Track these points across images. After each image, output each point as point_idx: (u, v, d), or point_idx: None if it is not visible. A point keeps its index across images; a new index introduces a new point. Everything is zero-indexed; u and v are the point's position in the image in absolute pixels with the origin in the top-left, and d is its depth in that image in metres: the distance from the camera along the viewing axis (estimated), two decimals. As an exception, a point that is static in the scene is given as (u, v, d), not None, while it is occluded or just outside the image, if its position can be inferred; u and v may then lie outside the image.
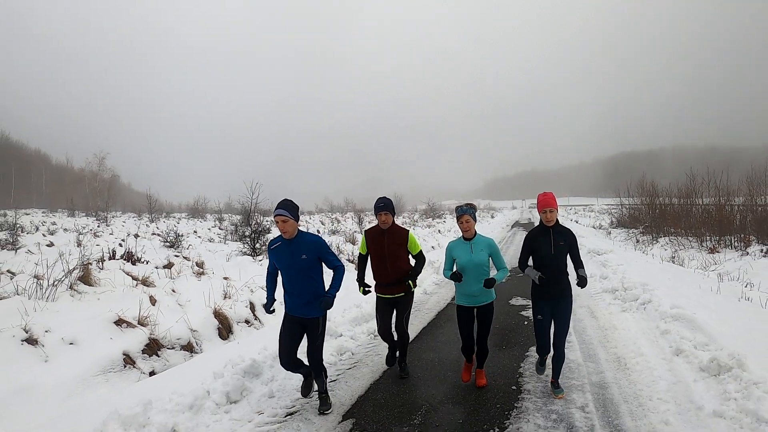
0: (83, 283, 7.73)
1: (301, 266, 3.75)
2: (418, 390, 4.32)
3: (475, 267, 4.12)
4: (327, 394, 3.99)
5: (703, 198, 20.50)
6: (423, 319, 6.91)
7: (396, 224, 4.66)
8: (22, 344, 5.10)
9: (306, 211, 46.68)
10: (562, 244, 3.96)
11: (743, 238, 16.23)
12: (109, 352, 5.48)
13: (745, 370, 3.95)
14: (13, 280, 7.27)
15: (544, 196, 4.00)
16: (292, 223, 3.72)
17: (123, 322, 6.25)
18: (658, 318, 5.90)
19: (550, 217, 3.93)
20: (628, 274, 8.72)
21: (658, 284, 7.60)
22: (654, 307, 6.33)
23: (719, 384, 3.93)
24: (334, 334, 5.77)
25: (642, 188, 25.16)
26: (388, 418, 3.76)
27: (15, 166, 61.34)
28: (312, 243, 3.83)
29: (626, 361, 4.79)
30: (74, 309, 6.59)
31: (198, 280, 9.51)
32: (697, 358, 4.48)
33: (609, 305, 7.26)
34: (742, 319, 5.88)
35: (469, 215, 4.16)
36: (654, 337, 5.41)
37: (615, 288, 7.90)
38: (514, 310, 7.28)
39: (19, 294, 6.47)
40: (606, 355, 5.04)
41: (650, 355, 4.87)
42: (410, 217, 40.21)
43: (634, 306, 6.81)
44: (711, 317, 5.60)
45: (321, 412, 3.88)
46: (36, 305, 6.04)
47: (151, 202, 36.62)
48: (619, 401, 3.87)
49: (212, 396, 3.96)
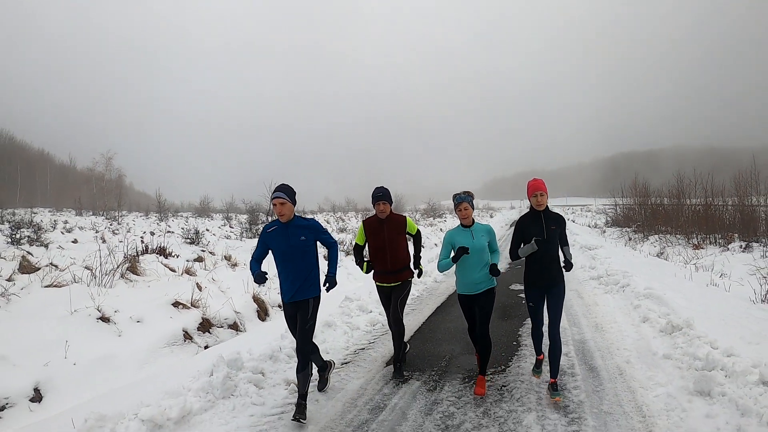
0: (131, 273, 8.86)
1: (300, 248, 3.84)
2: (441, 346, 5.51)
3: (478, 252, 4.14)
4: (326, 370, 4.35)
5: (692, 198, 21.68)
6: (437, 300, 8.12)
7: (393, 212, 4.74)
8: (98, 322, 6.07)
9: (309, 211, 47.77)
10: (554, 229, 3.98)
11: (726, 235, 17.46)
12: (172, 328, 6.50)
13: (692, 328, 5.14)
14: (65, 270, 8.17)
15: (534, 181, 4.06)
16: (290, 206, 3.83)
17: (179, 304, 7.36)
18: (633, 297, 7.11)
19: (541, 201, 3.95)
20: (613, 265, 9.95)
21: (638, 272, 8.83)
22: (631, 289, 7.55)
23: (672, 339, 5.12)
24: (365, 311, 6.94)
25: (635, 189, 26.43)
26: (421, 363, 4.96)
27: (20, 166, 62.24)
28: (309, 225, 3.97)
29: (603, 326, 6.03)
30: (131, 294, 7.67)
31: (233, 270, 10.71)
32: (658, 323, 5.68)
33: (594, 289, 8.50)
34: (703, 298, 7.10)
35: (467, 203, 4.18)
36: (628, 311, 6.65)
37: (600, 275, 9.15)
38: (514, 293, 8.49)
39: (76, 282, 7.43)
40: (587, 322, 6.27)
41: (622, 322, 6.12)
42: (412, 216, 41.39)
43: (615, 289, 8.05)
44: (677, 296, 6.80)
45: (320, 389, 4.26)
46: (97, 291, 6.98)
47: (160, 202, 37.65)
48: (593, 350, 5.10)
49: (283, 351, 5.10)
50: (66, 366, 5.12)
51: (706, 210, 19.98)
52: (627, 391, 4.00)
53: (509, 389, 4.21)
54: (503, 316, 6.80)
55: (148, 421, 3.45)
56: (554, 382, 3.97)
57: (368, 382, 4.51)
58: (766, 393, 3.51)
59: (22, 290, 6.72)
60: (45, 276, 7.62)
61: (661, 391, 3.92)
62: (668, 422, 3.44)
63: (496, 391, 4.19)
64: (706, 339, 4.78)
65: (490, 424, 3.56)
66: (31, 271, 8.03)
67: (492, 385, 4.31)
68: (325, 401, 4.08)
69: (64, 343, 5.31)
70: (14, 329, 5.37)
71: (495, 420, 3.62)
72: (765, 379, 3.68)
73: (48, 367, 4.94)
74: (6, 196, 43.61)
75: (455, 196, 4.28)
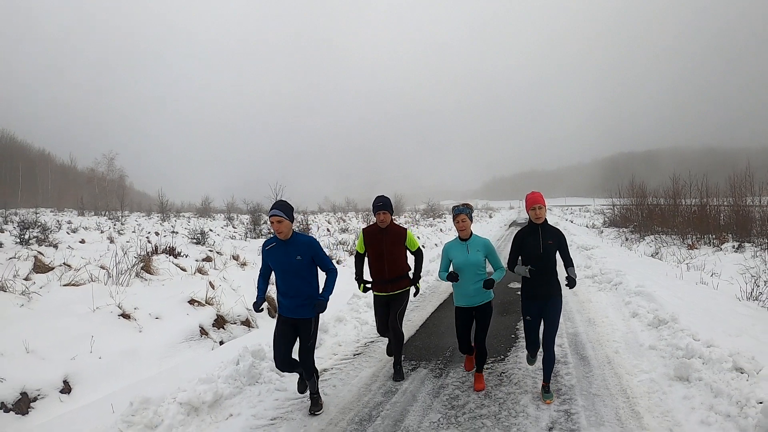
0: (145, 272, 9.25)
1: (296, 267, 3.79)
2: (444, 339, 5.95)
3: (472, 267, 4.16)
4: (318, 395, 4.08)
5: (687, 199, 22.09)
6: (440, 298, 8.54)
7: (394, 223, 4.76)
8: (119, 318, 6.45)
9: (309, 211, 48.12)
10: (550, 243, 3.98)
11: (720, 236, 17.90)
12: (188, 324, 6.86)
13: (677, 322, 5.57)
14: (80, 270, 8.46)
15: (532, 194, 4.08)
16: (287, 223, 3.75)
17: (194, 301, 7.75)
18: (625, 294, 7.55)
19: (539, 214, 3.98)
20: (607, 264, 10.39)
21: (631, 271, 9.27)
22: (623, 287, 7.98)
23: (658, 332, 5.56)
24: (372, 307, 7.34)
25: (632, 190, 26.85)
26: (427, 354, 5.42)
27: (21, 166, 62.51)
28: (306, 244, 3.86)
29: (595, 320, 6.48)
30: (148, 292, 8.04)
31: (242, 270, 11.13)
32: (647, 318, 6.11)
33: (588, 287, 8.93)
34: (691, 296, 7.52)
35: (465, 215, 4.22)
36: (619, 307, 7.09)
37: (594, 274, 9.60)
38: (513, 291, 8.91)
39: (93, 281, 7.78)
40: (581, 317, 6.72)
41: (613, 317, 6.57)
42: (412, 216, 41.81)
43: (608, 287, 8.50)
44: (666, 294, 7.23)
45: (312, 412, 3.96)
46: (115, 289, 7.36)
47: (163, 202, 38.04)
48: (585, 342, 5.55)
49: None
50: (92, 359, 5.44)
51: (701, 211, 20.40)
52: (614, 377, 4.44)
53: (508, 375, 4.65)
54: (502, 311, 7.22)
55: (185, 404, 3.84)
56: (546, 385, 4.10)
57: (380, 370, 4.94)
58: (738, 378, 3.93)
59: (41, 289, 7.05)
60: (62, 275, 7.94)
61: (644, 377, 4.36)
62: (649, 402, 3.87)
63: (496, 377, 4.62)
64: (688, 332, 5.21)
65: (491, 404, 3.99)
66: (45, 271, 8.36)
67: (492, 372, 4.74)
68: (341, 386, 4.50)
69: (90, 338, 5.64)
70: (39, 325, 5.69)
71: (495, 401, 4.06)
72: (738, 366, 4.09)
73: (75, 360, 5.27)
74: (8, 197, 43.89)
75: (454, 208, 4.33)
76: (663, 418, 3.62)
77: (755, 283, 8.24)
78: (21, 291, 6.61)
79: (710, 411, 3.59)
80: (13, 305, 6.22)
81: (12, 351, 4.95)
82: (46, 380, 4.73)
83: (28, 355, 5.05)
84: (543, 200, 4.04)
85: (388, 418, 3.82)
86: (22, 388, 4.47)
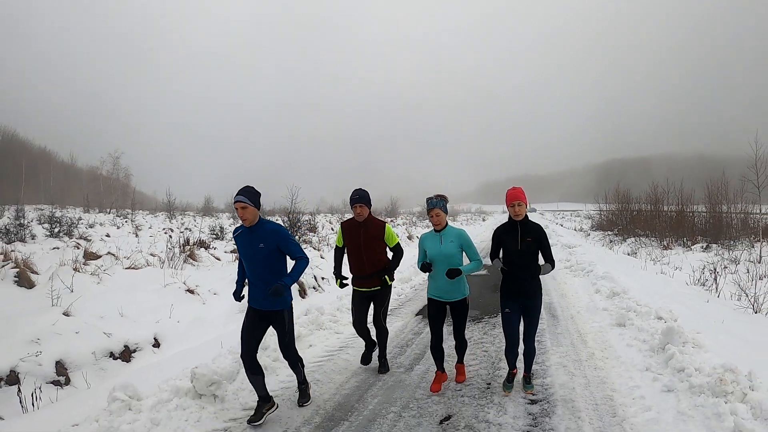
0: (191, 259, 10.86)
1: (260, 256, 3.62)
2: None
3: (444, 259, 4.06)
4: (307, 385, 4.05)
5: (668, 206, 23.91)
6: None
7: (372, 216, 4.67)
8: (186, 293, 7.86)
9: (308, 212, 49.19)
10: (529, 240, 3.88)
11: (692, 237, 19.76)
12: None
13: (627, 294, 7.34)
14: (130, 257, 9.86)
15: (513, 190, 3.95)
16: (252, 210, 3.57)
17: (242, 281, 9.35)
18: (593, 278, 9.35)
19: (518, 211, 3.89)
20: (584, 258, 12.21)
21: (601, 262, 11.10)
22: (594, 274, 9.77)
23: (611, 301, 7.34)
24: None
25: (617, 195, 28.68)
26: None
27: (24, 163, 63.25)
28: (270, 231, 3.65)
29: (566, 295, 8.32)
30: (199, 274, 9.45)
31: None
32: (606, 293, 7.88)
33: (566, 274, 10.79)
34: (648, 281, 9.32)
35: (439, 208, 4.08)
36: (587, 287, 8.91)
37: (572, 265, 11.44)
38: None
39: (149, 266, 9.18)
40: (556, 293, 8.55)
41: (581, 293, 8.39)
42: (409, 219, 43.35)
43: (581, 273, 10.36)
44: (626, 278, 9.01)
45: (300, 404, 3.93)
46: (171, 272, 8.64)
47: (170, 201, 39.48)
48: (557, 307, 7.37)
49: (344, 306, 7.14)
50: (172, 323, 6.68)
51: (678, 216, 22.22)
52: (573, 325, 6.25)
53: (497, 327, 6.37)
54: (495, 288, 8.91)
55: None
56: (527, 375, 4.13)
57: (405, 324, 6.70)
58: (657, 322, 5.68)
59: (105, 271, 8.19)
60: (118, 261, 9.30)
61: (595, 325, 6.17)
62: (595, 337, 5.67)
63: (486, 325, 6.33)
64: (634, 300, 6.98)
65: (489, 342, 5.74)
66: (94, 258, 9.53)
67: (486, 325, 6.44)
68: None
69: (169, 307, 6.99)
70: (121, 298, 6.84)
71: (494, 338, 5.81)
72: (659, 316, 5.84)
73: (159, 323, 6.38)
74: (11, 193, 44.56)
75: (428, 200, 4.18)
76: (602, 343, 5.42)
77: (702, 272, 10.01)
78: (91, 272, 7.63)
79: (634, 340, 5.35)
80: (91, 283, 7.42)
81: (110, 315, 6.16)
82: (141, 337, 5.81)
83: (122, 319, 6.28)
84: (524, 197, 3.94)
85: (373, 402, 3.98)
86: (125, 341, 5.52)
